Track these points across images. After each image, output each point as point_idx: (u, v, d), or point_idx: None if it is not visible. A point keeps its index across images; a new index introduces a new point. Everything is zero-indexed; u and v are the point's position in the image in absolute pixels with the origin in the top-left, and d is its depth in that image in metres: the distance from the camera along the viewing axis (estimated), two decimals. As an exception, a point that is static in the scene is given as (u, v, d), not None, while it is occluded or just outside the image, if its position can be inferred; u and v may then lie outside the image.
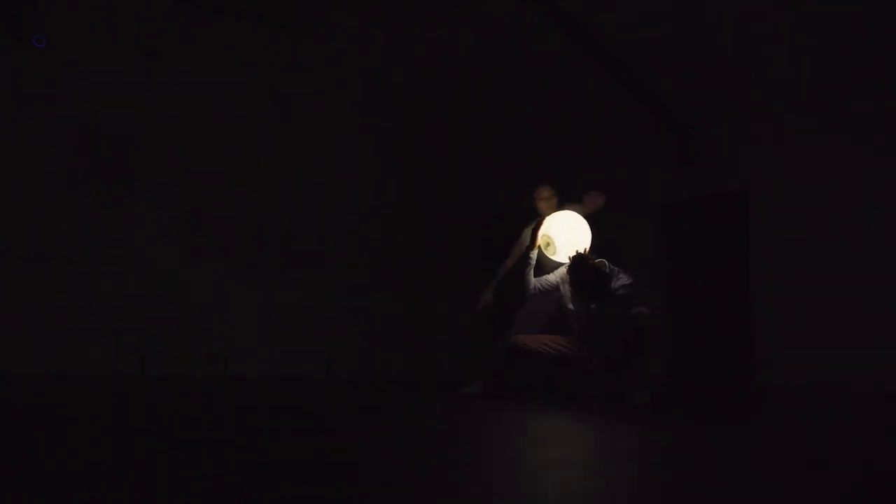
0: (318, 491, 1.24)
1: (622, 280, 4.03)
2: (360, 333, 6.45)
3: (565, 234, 4.24)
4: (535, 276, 4.30)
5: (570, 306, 4.15)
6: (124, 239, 5.35)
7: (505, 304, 4.70)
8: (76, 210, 5.16)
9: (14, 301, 4.80)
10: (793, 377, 5.22)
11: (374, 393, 4.77)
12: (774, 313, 5.49)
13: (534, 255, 4.33)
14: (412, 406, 3.66)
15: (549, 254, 4.31)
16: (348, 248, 6.60)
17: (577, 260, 4.01)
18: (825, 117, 5.46)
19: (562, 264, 4.21)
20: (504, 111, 6.57)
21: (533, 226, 4.64)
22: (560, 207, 4.54)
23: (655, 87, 5.60)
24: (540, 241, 4.32)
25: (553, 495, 1.26)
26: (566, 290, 4.15)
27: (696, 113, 5.99)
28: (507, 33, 5.57)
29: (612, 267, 4.08)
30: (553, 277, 4.25)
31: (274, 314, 5.98)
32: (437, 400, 4.20)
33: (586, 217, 4.39)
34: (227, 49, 5.97)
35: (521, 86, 6.14)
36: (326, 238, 6.48)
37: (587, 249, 4.12)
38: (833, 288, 5.19)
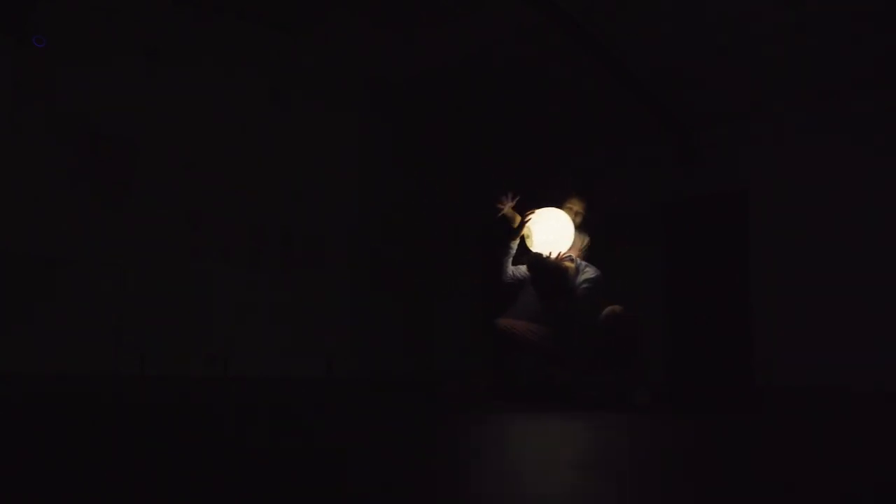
0: (318, 491, 1.24)
1: (587, 274, 4.02)
2: (360, 333, 6.45)
3: (544, 233, 4.24)
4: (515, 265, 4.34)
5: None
6: (124, 239, 5.35)
7: (503, 302, 4.69)
8: (76, 210, 5.15)
9: (14, 301, 4.80)
10: (793, 377, 5.22)
11: (374, 393, 4.77)
12: (774, 313, 5.49)
13: (514, 244, 4.35)
14: (412, 406, 3.66)
15: (528, 245, 4.34)
16: (348, 248, 6.60)
17: (535, 257, 4.01)
18: (825, 117, 5.46)
19: None
20: (504, 111, 6.57)
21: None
22: (581, 228, 4.42)
23: (655, 87, 5.60)
24: (524, 231, 4.33)
25: (553, 495, 1.26)
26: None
27: (696, 113, 5.98)
28: (507, 33, 5.56)
29: (578, 262, 4.07)
30: (524, 268, 4.28)
31: (274, 314, 5.98)
32: (436, 400, 4.19)
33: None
34: (227, 49, 5.97)
35: (520, 86, 6.14)
36: (326, 238, 6.48)
37: (560, 255, 4.10)
38: (833, 288, 5.19)
